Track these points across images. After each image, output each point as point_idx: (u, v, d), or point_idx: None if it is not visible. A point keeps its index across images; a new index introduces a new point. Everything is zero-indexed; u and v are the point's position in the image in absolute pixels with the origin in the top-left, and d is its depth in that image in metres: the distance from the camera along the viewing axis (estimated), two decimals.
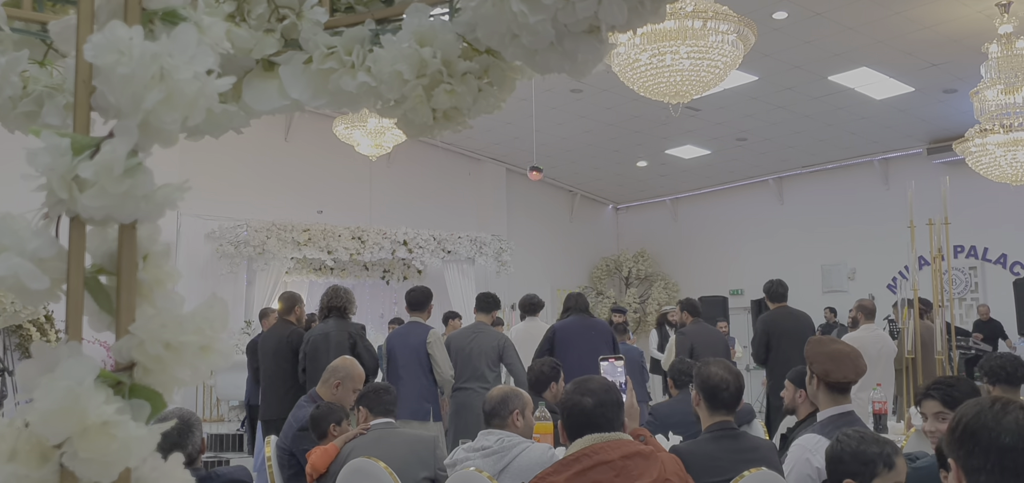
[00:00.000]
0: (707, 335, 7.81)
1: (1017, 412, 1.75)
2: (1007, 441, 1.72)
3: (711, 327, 8.17)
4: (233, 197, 12.17)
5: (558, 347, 6.48)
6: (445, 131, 1.09)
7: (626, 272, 17.91)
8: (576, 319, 6.72)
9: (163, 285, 0.81)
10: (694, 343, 7.56)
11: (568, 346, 6.43)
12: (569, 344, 6.46)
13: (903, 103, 11.96)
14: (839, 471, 2.70)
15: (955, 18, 9.09)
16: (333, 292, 6.51)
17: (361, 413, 4.30)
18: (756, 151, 14.58)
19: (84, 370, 0.72)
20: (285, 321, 6.72)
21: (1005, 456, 1.72)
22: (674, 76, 6.38)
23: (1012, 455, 1.71)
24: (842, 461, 2.69)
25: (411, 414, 6.16)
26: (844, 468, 2.68)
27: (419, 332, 6.45)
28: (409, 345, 6.41)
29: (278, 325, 6.79)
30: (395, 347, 6.54)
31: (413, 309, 6.61)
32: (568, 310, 6.84)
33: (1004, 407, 1.77)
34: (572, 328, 6.65)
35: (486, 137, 14.34)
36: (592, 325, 6.76)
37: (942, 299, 6.15)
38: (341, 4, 1.10)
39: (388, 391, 4.38)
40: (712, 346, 7.54)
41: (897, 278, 13.64)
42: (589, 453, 2.81)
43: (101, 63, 0.75)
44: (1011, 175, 8.87)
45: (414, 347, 6.38)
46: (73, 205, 0.75)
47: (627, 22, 0.89)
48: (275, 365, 6.52)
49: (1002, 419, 1.74)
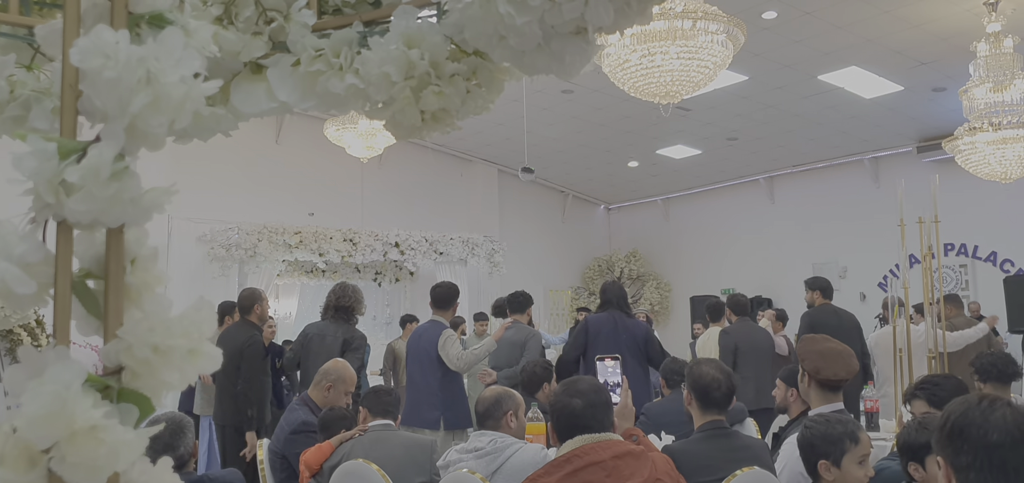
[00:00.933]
0: (751, 334, 7.56)
1: (1004, 409, 1.77)
2: (995, 438, 1.74)
3: (756, 325, 7.87)
4: (224, 200, 12.14)
5: (590, 344, 6.03)
6: (434, 133, 1.09)
7: (618, 272, 17.93)
8: (609, 315, 6.25)
9: (151, 289, 0.81)
10: (738, 343, 7.41)
11: (597, 344, 5.94)
12: (598, 342, 6.00)
13: (893, 102, 12.00)
14: (813, 456, 2.90)
15: (943, 17, 9.13)
16: (341, 290, 6.13)
17: (362, 413, 4.31)
18: (747, 150, 14.62)
19: (71, 375, 0.72)
20: (246, 323, 6.20)
21: (993, 453, 1.74)
22: (664, 76, 6.39)
23: (1000, 452, 1.73)
24: (813, 446, 2.90)
25: (422, 423, 5.76)
26: (816, 451, 2.89)
27: (432, 334, 5.98)
28: (421, 348, 6.01)
29: (237, 327, 6.24)
30: (409, 349, 6.26)
31: (438, 306, 6.13)
32: (606, 303, 6.36)
33: (991, 404, 1.79)
34: (604, 325, 6.19)
35: (477, 138, 14.34)
36: (625, 326, 6.25)
37: (933, 297, 6.17)
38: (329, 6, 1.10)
39: (389, 393, 4.38)
40: (756, 346, 7.38)
41: (888, 276, 13.69)
42: (580, 454, 2.82)
43: (87, 67, 0.75)
44: (1000, 173, 8.90)
45: (425, 349, 5.96)
46: (60, 209, 0.75)
47: (614, 23, 0.89)
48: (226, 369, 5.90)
49: (989, 417, 1.76)
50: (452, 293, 6.19)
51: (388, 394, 4.35)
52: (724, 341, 7.56)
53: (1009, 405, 1.79)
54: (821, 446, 2.88)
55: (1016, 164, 8.77)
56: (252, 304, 6.23)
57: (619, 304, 6.31)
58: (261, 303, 6.30)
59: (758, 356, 7.45)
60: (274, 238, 11.70)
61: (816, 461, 2.88)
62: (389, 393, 4.37)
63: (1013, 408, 1.79)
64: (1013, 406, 1.80)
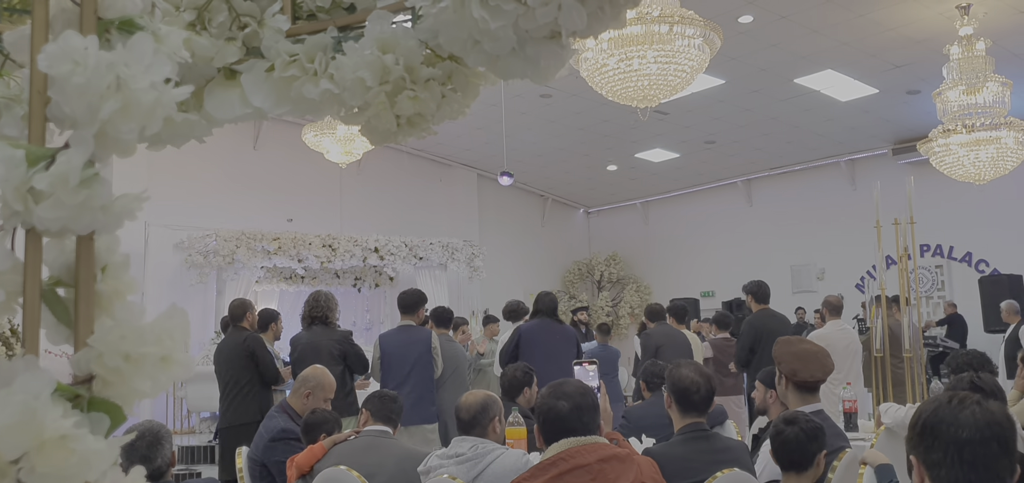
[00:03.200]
0: (670, 336, 8.05)
1: (973, 406, 1.80)
2: (965, 435, 1.78)
3: (673, 328, 8.30)
4: (202, 206, 12.06)
5: (523, 350, 6.56)
6: (409, 137, 1.08)
7: (598, 275, 17.98)
8: (540, 322, 6.83)
9: (122, 296, 0.81)
10: (660, 344, 7.84)
11: (532, 349, 6.54)
12: (533, 347, 6.58)
13: (868, 104, 12.12)
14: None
15: (917, 20, 9.23)
16: (313, 301, 6.45)
17: (363, 416, 4.24)
18: (724, 153, 14.71)
19: (41, 384, 0.71)
20: (238, 328, 6.61)
21: (964, 449, 1.78)
22: (642, 80, 6.42)
23: (970, 447, 1.77)
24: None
25: (422, 419, 6.36)
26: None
27: (423, 335, 6.60)
28: (414, 349, 6.52)
29: (231, 333, 6.71)
30: (394, 350, 6.55)
31: (406, 312, 6.65)
32: (536, 312, 6.96)
33: (961, 401, 1.82)
34: (536, 331, 6.75)
35: (457, 143, 14.34)
36: (557, 330, 6.87)
37: (909, 297, 6.23)
38: (303, 11, 1.10)
39: (394, 399, 4.30)
40: (676, 346, 7.77)
41: (865, 277, 13.82)
42: (565, 457, 2.81)
43: (56, 73, 0.74)
44: (974, 174, 9.01)
45: (420, 352, 6.51)
46: (28, 217, 0.74)
47: (588, 28, 0.89)
48: (229, 373, 6.43)
49: (960, 414, 1.80)
50: (418, 299, 6.73)
51: (393, 401, 4.27)
52: (644, 341, 8.12)
53: (978, 403, 1.83)
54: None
55: (989, 165, 8.88)
56: (244, 312, 6.63)
57: (549, 312, 6.90)
58: (252, 311, 6.72)
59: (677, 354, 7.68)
60: (252, 244, 11.63)
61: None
62: (394, 400, 4.29)
63: (982, 406, 1.83)
64: (982, 404, 1.83)
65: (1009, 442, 1.81)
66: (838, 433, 3.78)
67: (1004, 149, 8.73)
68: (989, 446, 1.78)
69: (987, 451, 1.77)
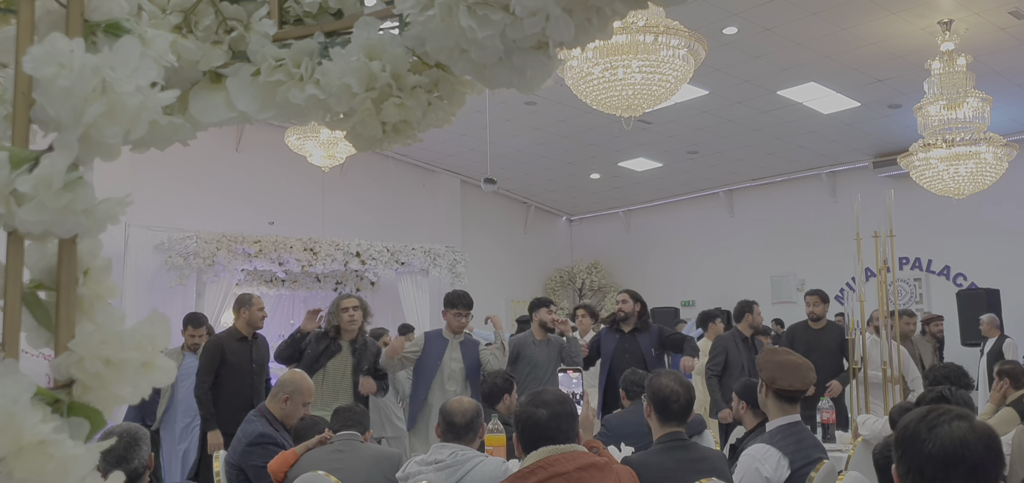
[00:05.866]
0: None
1: (947, 424, 1.81)
2: (928, 449, 1.80)
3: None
4: (183, 208, 11.97)
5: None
6: (395, 144, 1.08)
7: (580, 283, 17.99)
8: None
9: (103, 300, 0.80)
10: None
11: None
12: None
13: (850, 117, 12.20)
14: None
15: (899, 35, 9.31)
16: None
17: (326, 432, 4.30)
18: (707, 164, 14.77)
19: (20, 389, 0.70)
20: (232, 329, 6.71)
21: (925, 464, 1.80)
22: (626, 90, 6.44)
23: (932, 463, 1.79)
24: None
25: None
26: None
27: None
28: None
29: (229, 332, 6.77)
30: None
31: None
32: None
33: (938, 417, 1.83)
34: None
35: (440, 148, 14.32)
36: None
37: (887, 310, 6.27)
38: (290, 16, 1.09)
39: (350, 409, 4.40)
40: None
41: (845, 289, 13.89)
42: (544, 465, 2.81)
43: (41, 75, 0.73)
44: (953, 189, 9.09)
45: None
46: (11, 220, 0.73)
47: (575, 39, 0.90)
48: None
49: (934, 429, 1.82)
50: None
51: (349, 410, 4.34)
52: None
53: (958, 418, 1.82)
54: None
55: (968, 180, 8.96)
56: (239, 309, 6.71)
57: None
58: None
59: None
60: (233, 247, 11.54)
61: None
62: (351, 409, 4.36)
63: (961, 423, 1.81)
64: (966, 420, 1.82)
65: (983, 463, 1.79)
66: (816, 444, 3.80)
67: (983, 164, 8.81)
68: (953, 469, 1.77)
69: (945, 473, 1.78)
